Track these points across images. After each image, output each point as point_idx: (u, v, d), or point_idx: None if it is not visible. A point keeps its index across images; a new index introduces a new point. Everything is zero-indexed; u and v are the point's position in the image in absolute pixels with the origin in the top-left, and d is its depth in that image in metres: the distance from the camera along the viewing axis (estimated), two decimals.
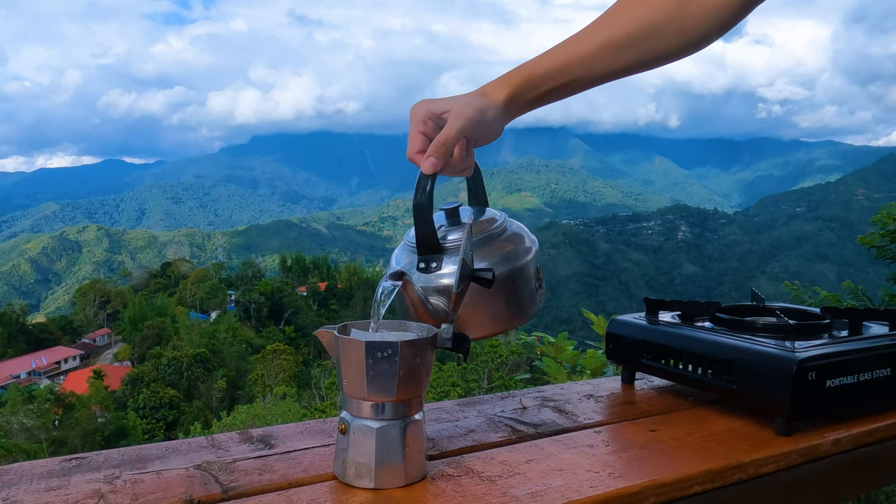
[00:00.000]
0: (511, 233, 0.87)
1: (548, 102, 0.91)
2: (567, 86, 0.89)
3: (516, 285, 0.83)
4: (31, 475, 0.74)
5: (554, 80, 0.88)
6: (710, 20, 0.90)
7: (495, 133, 0.87)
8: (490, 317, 0.83)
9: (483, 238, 0.84)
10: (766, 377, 0.86)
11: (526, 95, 0.88)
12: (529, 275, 0.84)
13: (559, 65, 0.88)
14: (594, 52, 0.88)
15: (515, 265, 0.83)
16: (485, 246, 0.83)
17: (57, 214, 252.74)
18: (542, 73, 0.88)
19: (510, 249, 0.84)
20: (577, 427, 0.91)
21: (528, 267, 0.84)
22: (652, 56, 0.90)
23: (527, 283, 0.84)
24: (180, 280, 65.56)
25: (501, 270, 0.81)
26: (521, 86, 0.87)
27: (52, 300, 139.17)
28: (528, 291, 0.85)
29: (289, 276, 70.88)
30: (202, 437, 0.86)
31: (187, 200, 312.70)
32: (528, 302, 0.85)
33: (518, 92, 0.87)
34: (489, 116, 0.84)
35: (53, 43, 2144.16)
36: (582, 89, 0.91)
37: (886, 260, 3.14)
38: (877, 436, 0.90)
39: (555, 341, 2.52)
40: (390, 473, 0.71)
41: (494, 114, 0.85)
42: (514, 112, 0.88)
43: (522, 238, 0.87)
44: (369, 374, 0.69)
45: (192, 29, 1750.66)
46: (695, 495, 0.76)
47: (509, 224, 0.88)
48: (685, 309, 1.09)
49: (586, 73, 0.89)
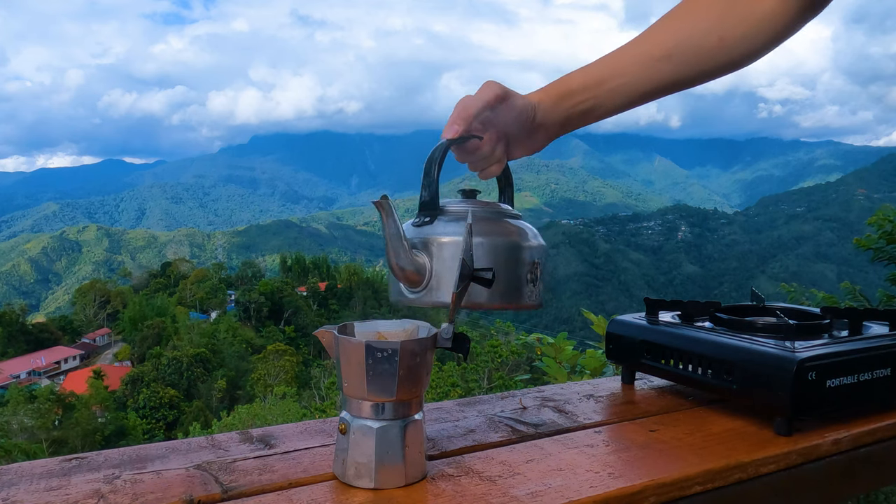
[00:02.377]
0: (519, 224, 0.86)
1: (587, 119, 0.89)
2: (603, 99, 0.87)
3: (500, 262, 0.80)
4: (31, 475, 0.74)
5: (590, 91, 0.87)
6: (755, 34, 0.87)
7: (527, 130, 0.86)
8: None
9: (491, 212, 0.84)
10: (766, 377, 0.86)
11: (563, 104, 0.87)
12: (521, 260, 0.82)
13: (596, 76, 0.87)
14: (632, 63, 0.87)
15: (506, 242, 0.82)
16: (488, 218, 0.82)
17: (57, 214, 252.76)
18: (579, 82, 0.87)
19: (508, 229, 0.83)
20: (577, 427, 0.91)
21: (520, 251, 0.82)
22: (693, 70, 0.88)
23: (514, 266, 0.81)
24: (180, 280, 65.55)
25: (490, 243, 0.79)
26: (556, 92, 0.87)
27: (52, 300, 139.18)
28: (513, 275, 0.81)
29: (289, 276, 70.82)
30: (202, 437, 0.86)
31: (187, 200, 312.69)
32: (511, 286, 0.82)
33: (553, 98, 0.86)
34: (519, 104, 0.84)
35: (54, 43, 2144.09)
36: (621, 105, 0.89)
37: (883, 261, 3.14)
38: (877, 436, 0.90)
39: (554, 341, 2.52)
40: (390, 473, 0.71)
41: (525, 105, 0.84)
42: (551, 116, 0.87)
43: (527, 232, 0.85)
44: (369, 375, 0.69)
45: (192, 29, 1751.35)
46: (695, 495, 0.76)
47: (524, 223, 0.87)
48: (685, 309, 1.09)
49: (623, 86, 0.87)
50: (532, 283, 0.83)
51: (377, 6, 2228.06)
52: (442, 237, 0.79)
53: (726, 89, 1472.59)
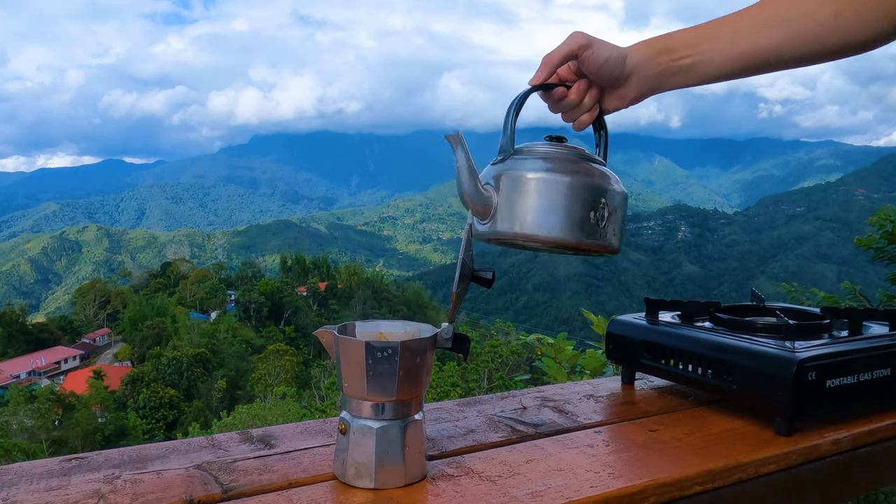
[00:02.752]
0: (593, 166, 0.87)
1: (686, 77, 0.87)
2: (704, 58, 0.85)
3: (559, 196, 0.83)
4: (31, 475, 0.74)
5: (690, 49, 0.85)
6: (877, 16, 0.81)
7: (617, 77, 0.86)
8: (524, 213, 0.84)
9: (577, 154, 0.86)
10: (766, 377, 0.86)
11: (660, 58, 0.86)
12: (583, 196, 0.83)
13: (699, 34, 0.85)
14: (738, 27, 0.84)
15: (571, 176, 0.83)
16: (570, 157, 0.85)
17: (57, 214, 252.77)
18: (681, 39, 0.86)
19: (582, 168, 0.85)
20: (577, 427, 0.91)
21: (583, 186, 0.84)
22: (801, 46, 0.83)
23: (575, 201, 0.83)
24: (180, 280, 65.55)
25: (555, 174, 0.83)
26: (655, 45, 0.86)
27: (52, 300, 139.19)
28: (574, 208, 0.83)
29: (289, 276, 70.85)
30: (202, 437, 0.86)
31: (187, 200, 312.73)
32: (572, 220, 0.83)
33: (652, 51, 0.86)
34: (606, 53, 0.84)
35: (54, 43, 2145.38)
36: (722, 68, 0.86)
37: (884, 261, 3.14)
38: (877, 436, 0.90)
39: (554, 342, 2.52)
40: (390, 473, 0.71)
41: (613, 54, 0.84)
42: (645, 68, 0.86)
43: (599, 174, 0.86)
44: (369, 375, 0.69)
45: (192, 29, 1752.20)
46: (695, 495, 0.76)
47: (603, 168, 0.88)
48: (685, 309, 1.09)
49: (726, 48, 0.84)
50: (597, 222, 0.84)
51: (377, 6, 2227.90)
52: (510, 172, 0.84)
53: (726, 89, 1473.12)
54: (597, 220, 0.84)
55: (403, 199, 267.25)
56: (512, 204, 0.83)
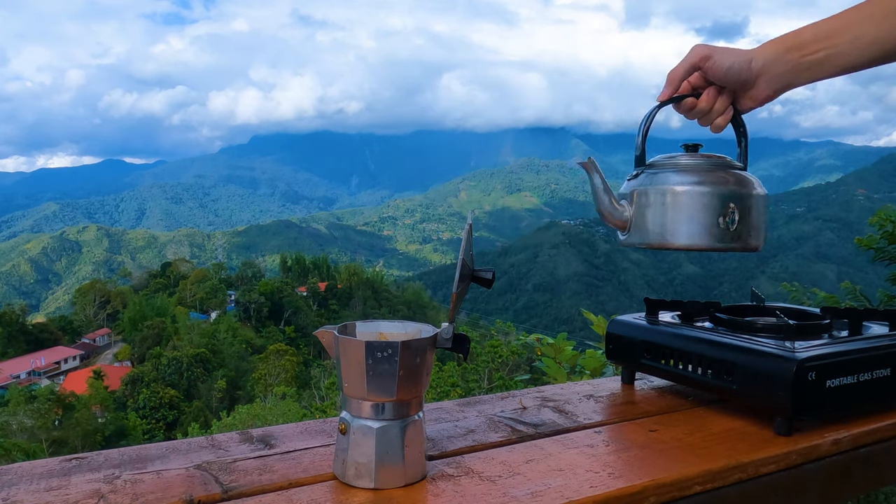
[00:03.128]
0: (736, 174, 0.94)
1: (820, 71, 0.89)
2: (835, 50, 0.86)
3: (685, 206, 0.92)
4: (31, 475, 0.74)
5: (821, 43, 0.87)
6: None
7: (745, 81, 0.90)
8: (655, 225, 0.94)
9: (709, 162, 0.94)
10: (766, 377, 0.86)
11: (791, 55, 0.88)
12: (709, 203, 0.91)
13: (827, 28, 0.87)
14: (863, 18, 0.85)
15: (695, 187, 0.91)
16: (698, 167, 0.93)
17: (57, 214, 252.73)
18: (811, 34, 0.88)
19: (710, 176, 0.92)
20: (577, 427, 0.91)
21: (709, 195, 0.91)
22: None
23: (701, 209, 0.91)
24: (180, 280, 65.52)
25: (679, 187, 0.92)
26: (785, 43, 0.89)
27: (52, 300, 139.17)
28: (701, 216, 0.91)
29: (289, 276, 70.83)
30: (202, 437, 0.86)
31: (187, 200, 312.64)
32: (699, 227, 0.92)
33: (780, 49, 0.89)
34: (728, 60, 0.89)
35: (54, 43, 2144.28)
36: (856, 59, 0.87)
37: (884, 261, 3.14)
38: (876, 436, 0.90)
39: (554, 342, 2.52)
40: (390, 473, 0.71)
41: (737, 60, 0.89)
42: (774, 67, 0.89)
43: (741, 181, 0.93)
44: (369, 374, 0.69)
45: (192, 29, 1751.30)
46: (695, 495, 0.76)
47: (738, 172, 0.94)
48: (685, 309, 1.09)
49: (856, 39, 0.85)
50: (727, 227, 0.91)
51: (378, 6, 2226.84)
52: (639, 187, 0.95)
53: None
54: (726, 224, 0.91)
55: (403, 199, 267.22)
56: (643, 217, 0.94)
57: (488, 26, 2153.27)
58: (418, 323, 0.77)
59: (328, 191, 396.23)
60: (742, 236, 0.92)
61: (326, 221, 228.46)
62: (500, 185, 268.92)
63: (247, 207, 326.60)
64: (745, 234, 0.93)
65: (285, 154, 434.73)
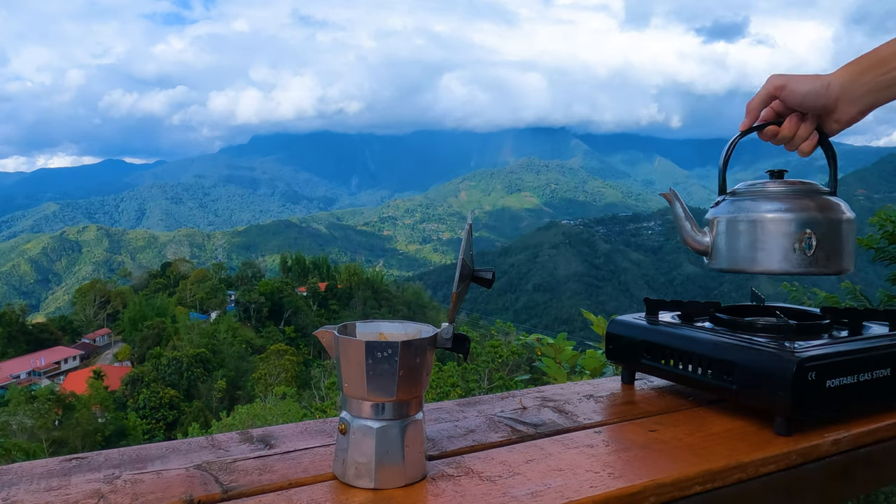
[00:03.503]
0: (818, 199, 0.95)
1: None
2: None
3: (761, 234, 0.95)
4: (31, 475, 0.74)
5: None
6: None
7: (823, 106, 0.91)
8: (734, 252, 0.97)
9: (790, 189, 0.96)
10: (766, 377, 0.86)
11: (869, 74, 0.89)
12: (785, 230, 0.94)
13: None
14: None
15: (771, 214, 0.94)
16: (777, 194, 0.96)
17: (57, 214, 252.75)
18: (888, 51, 0.88)
19: (788, 203, 0.94)
20: (577, 427, 0.91)
21: (785, 221, 0.93)
22: None
23: (777, 236, 0.94)
24: (180, 280, 65.53)
25: (754, 214, 0.95)
26: (863, 64, 0.89)
27: (52, 300, 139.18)
28: (777, 243, 0.94)
29: (289, 276, 70.83)
30: (202, 437, 0.86)
31: (187, 200, 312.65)
32: (776, 253, 0.94)
33: (857, 71, 0.89)
34: (804, 88, 0.90)
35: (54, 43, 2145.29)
36: None
37: (884, 261, 3.14)
38: (876, 436, 0.90)
39: (554, 342, 2.52)
40: (390, 473, 0.71)
41: (814, 87, 0.90)
42: (854, 88, 0.90)
43: (822, 206, 0.94)
44: (369, 374, 0.69)
45: (193, 29, 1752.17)
46: (694, 495, 0.76)
47: (839, 203, 0.96)
48: (685, 309, 1.09)
49: None
50: (803, 252, 0.93)
51: (378, 6, 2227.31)
52: (718, 216, 0.99)
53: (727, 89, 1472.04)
54: (802, 249, 0.93)
55: (403, 199, 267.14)
56: (723, 244, 0.99)
57: (488, 26, 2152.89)
58: (418, 323, 0.77)
59: (328, 191, 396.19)
60: (820, 261, 0.94)
61: (326, 221, 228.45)
62: (500, 185, 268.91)
63: (247, 207, 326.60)
64: (824, 258, 0.94)
65: (285, 154, 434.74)
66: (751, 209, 0.96)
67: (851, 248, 0.97)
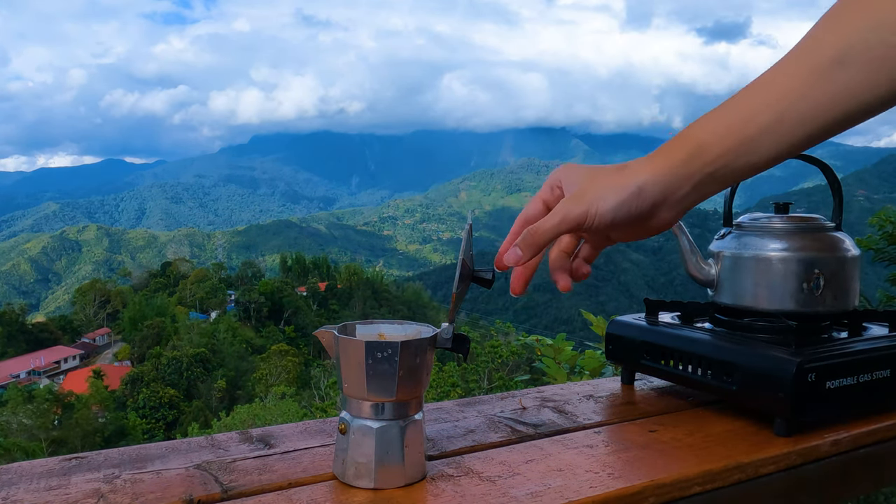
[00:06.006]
0: (825, 235, 0.95)
1: (732, 181, 0.65)
2: (751, 150, 0.62)
3: (767, 272, 0.94)
4: (31, 475, 0.74)
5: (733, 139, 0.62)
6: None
7: (638, 216, 0.66)
8: (739, 288, 0.97)
9: (796, 225, 0.95)
10: (766, 378, 0.86)
11: (694, 164, 0.64)
12: (792, 270, 0.92)
13: (744, 116, 0.62)
14: (803, 80, 0.60)
15: (777, 253, 0.93)
16: (783, 230, 0.95)
17: (57, 214, 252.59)
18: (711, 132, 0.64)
19: (795, 242, 0.93)
20: (577, 427, 0.91)
21: (792, 261, 0.93)
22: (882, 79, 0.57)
23: (785, 276, 0.93)
24: (180, 280, 65.57)
25: (761, 252, 0.94)
26: (681, 151, 0.65)
27: (52, 300, 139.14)
28: (784, 282, 0.93)
29: (289, 276, 70.87)
30: (202, 437, 0.86)
31: (187, 200, 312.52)
32: (783, 292, 0.93)
33: (681, 159, 0.65)
34: (609, 201, 0.65)
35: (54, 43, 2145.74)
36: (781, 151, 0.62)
37: (884, 262, 3.14)
38: (876, 437, 0.90)
39: (553, 342, 2.52)
40: (390, 473, 0.71)
41: (623, 195, 0.65)
42: (678, 189, 0.65)
43: (829, 243, 0.94)
44: (369, 374, 0.69)
45: (193, 29, 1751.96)
46: (694, 496, 0.76)
47: (844, 239, 0.96)
48: (685, 310, 1.09)
49: (790, 116, 0.60)
50: (811, 291, 0.92)
51: (379, 6, 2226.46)
52: (724, 250, 0.98)
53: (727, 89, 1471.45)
54: (811, 289, 0.92)
55: (403, 199, 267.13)
56: (728, 279, 0.98)
57: (489, 26, 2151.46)
58: (418, 323, 0.77)
59: (328, 191, 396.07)
60: (828, 300, 0.93)
61: (326, 221, 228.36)
62: (500, 185, 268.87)
63: (247, 207, 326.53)
64: (832, 297, 0.94)
65: (285, 154, 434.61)
66: (758, 246, 0.94)
67: (857, 284, 0.97)
